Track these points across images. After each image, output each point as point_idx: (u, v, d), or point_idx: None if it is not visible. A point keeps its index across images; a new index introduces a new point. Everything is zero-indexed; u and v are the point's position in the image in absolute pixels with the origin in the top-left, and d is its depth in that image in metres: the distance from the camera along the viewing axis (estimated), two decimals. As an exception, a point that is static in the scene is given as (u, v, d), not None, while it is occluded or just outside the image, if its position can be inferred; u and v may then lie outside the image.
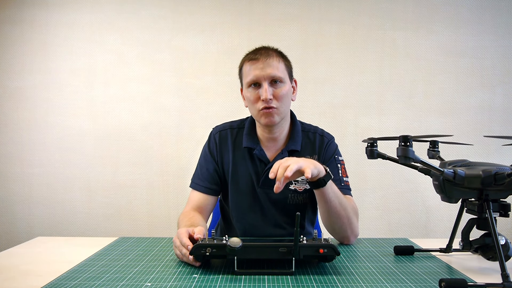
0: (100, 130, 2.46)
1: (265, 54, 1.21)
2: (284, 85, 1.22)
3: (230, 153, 1.32)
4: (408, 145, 0.80)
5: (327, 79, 2.43)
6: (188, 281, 0.87)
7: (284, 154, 1.27)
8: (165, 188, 2.46)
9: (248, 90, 1.23)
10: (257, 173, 1.29)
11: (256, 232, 1.31)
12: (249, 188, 1.29)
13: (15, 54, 2.47)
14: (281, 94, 1.21)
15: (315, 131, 1.34)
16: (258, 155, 1.28)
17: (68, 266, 0.98)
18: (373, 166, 2.43)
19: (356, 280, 0.88)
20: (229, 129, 1.36)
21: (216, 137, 1.35)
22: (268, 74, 1.19)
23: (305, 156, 1.28)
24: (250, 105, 1.26)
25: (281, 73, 1.22)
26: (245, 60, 1.25)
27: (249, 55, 1.24)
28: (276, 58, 1.22)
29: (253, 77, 1.20)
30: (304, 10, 2.43)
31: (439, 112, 2.43)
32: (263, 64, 1.19)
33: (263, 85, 1.20)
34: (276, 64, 1.21)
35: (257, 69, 1.20)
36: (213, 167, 1.33)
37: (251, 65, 1.21)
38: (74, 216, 2.48)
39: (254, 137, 1.31)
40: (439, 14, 2.42)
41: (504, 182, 0.86)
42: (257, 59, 1.21)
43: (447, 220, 2.43)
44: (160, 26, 2.44)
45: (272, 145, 1.31)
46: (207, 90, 2.45)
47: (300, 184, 1.28)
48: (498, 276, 0.84)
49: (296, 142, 1.29)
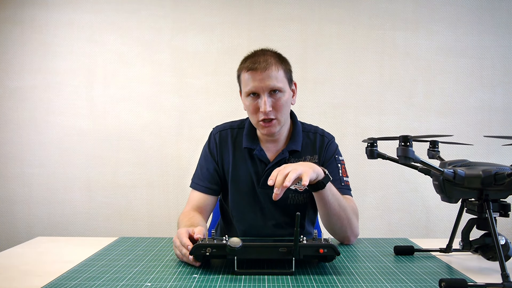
0: (100, 130, 2.46)
1: (264, 62, 1.17)
2: (284, 94, 1.20)
3: (230, 153, 1.32)
4: (408, 145, 0.80)
5: (327, 79, 2.43)
6: (188, 281, 0.87)
7: (284, 154, 1.27)
8: (165, 188, 2.46)
9: (247, 99, 1.22)
10: (257, 173, 1.29)
11: (256, 232, 1.31)
12: (249, 188, 1.29)
13: (15, 54, 2.46)
14: (280, 104, 1.19)
15: (315, 131, 1.34)
16: (258, 155, 1.28)
17: (68, 266, 0.98)
18: (373, 166, 2.43)
19: (356, 280, 0.88)
20: (229, 129, 1.35)
21: (216, 137, 1.35)
22: (267, 86, 1.17)
23: (305, 157, 1.29)
24: (249, 114, 1.25)
25: (281, 83, 1.19)
26: (243, 68, 1.21)
27: (248, 64, 1.20)
28: (275, 66, 1.19)
29: (252, 88, 1.18)
30: (304, 10, 2.43)
31: (439, 112, 2.43)
32: (262, 75, 1.16)
33: (262, 96, 1.18)
34: (275, 74, 1.18)
35: (256, 80, 1.17)
36: (213, 167, 1.33)
37: (249, 75, 1.18)
38: (74, 216, 2.48)
39: (254, 138, 1.31)
40: (439, 14, 2.42)
41: (504, 182, 0.86)
42: (255, 69, 1.17)
43: (447, 220, 2.43)
44: (160, 26, 2.44)
45: (272, 145, 1.31)
46: (207, 90, 2.45)
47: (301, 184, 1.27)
48: (498, 276, 0.84)
49: (296, 142, 1.29)
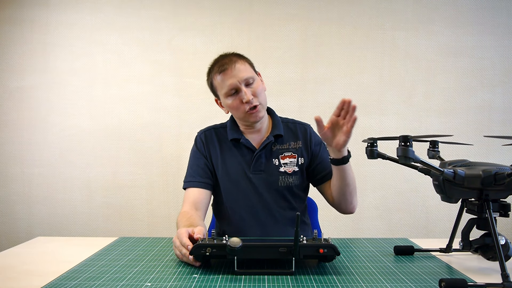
0: (100, 130, 2.46)
1: (229, 62, 1.28)
2: (256, 81, 1.31)
3: (217, 149, 1.38)
4: (408, 145, 0.80)
5: (327, 79, 2.44)
6: (188, 281, 0.87)
7: (270, 138, 1.35)
8: (165, 188, 2.46)
9: (228, 99, 1.30)
10: (247, 161, 1.35)
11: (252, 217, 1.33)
12: (241, 176, 1.34)
13: (15, 54, 2.47)
14: (258, 91, 1.29)
15: (293, 121, 1.44)
16: (244, 143, 1.35)
17: (68, 266, 0.98)
18: (373, 166, 2.43)
19: (356, 280, 0.88)
20: (213, 129, 1.44)
21: (202, 137, 1.42)
22: (241, 78, 1.27)
23: (289, 142, 1.38)
24: (234, 111, 1.32)
25: (250, 73, 1.29)
26: (214, 74, 1.31)
27: (216, 68, 1.30)
28: (240, 61, 1.30)
29: (230, 86, 1.27)
30: (304, 10, 2.43)
31: (439, 112, 2.43)
32: (233, 72, 1.27)
33: (241, 89, 1.27)
34: (243, 67, 1.29)
35: (230, 78, 1.27)
36: (204, 162, 1.38)
37: (222, 76, 1.28)
38: (74, 216, 2.48)
39: (237, 131, 1.38)
40: (439, 14, 2.42)
41: (504, 182, 0.86)
42: (225, 69, 1.27)
43: (447, 220, 2.43)
44: (160, 26, 2.44)
45: (256, 136, 1.38)
46: (207, 90, 2.42)
47: (289, 166, 1.35)
48: (498, 276, 0.84)
49: (279, 128, 1.38)
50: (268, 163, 1.34)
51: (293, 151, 1.36)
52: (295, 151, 1.36)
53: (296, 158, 1.35)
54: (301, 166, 1.36)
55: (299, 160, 1.36)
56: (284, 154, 1.35)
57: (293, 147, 1.37)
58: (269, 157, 1.35)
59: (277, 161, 1.34)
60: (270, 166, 1.34)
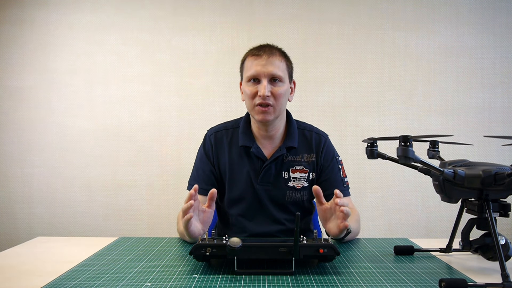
0: (100, 130, 2.46)
1: (269, 51, 1.24)
2: (283, 84, 1.25)
3: (226, 154, 1.33)
4: (408, 145, 0.80)
5: (327, 79, 2.43)
6: (188, 281, 0.87)
7: (282, 150, 1.29)
8: (165, 188, 2.46)
9: (247, 84, 1.25)
10: (255, 170, 1.30)
11: (255, 228, 1.31)
12: (248, 186, 1.30)
13: (15, 54, 2.46)
14: (279, 93, 1.23)
15: (310, 129, 1.37)
16: (255, 152, 1.30)
17: (68, 266, 0.98)
18: (373, 166, 2.43)
19: (356, 280, 0.88)
20: (224, 130, 1.37)
21: (212, 139, 1.36)
22: (269, 71, 1.22)
23: (303, 154, 1.31)
24: (247, 99, 1.27)
25: (282, 72, 1.24)
26: (248, 54, 1.27)
27: (253, 50, 1.27)
28: (278, 57, 1.25)
29: (254, 72, 1.23)
30: (304, 10, 2.43)
31: (439, 112, 2.43)
32: (266, 61, 1.22)
33: (262, 81, 1.22)
34: (278, 62, 1.23)
35: (259, 65, 1.22)
36: (209, 168, 1.34)
37: (253, 60, 1.24)
38: (74, 216, 2.48)
39: (250, 135, 1.33)
40: (439, 14, 2.42)
41: (504, 182, 0.86)
42: (260, 55, 1.23)
43: (447, 220, 2.43)
44: (160, 26, 2.44)
45: (268, 142, 1.32)
46: (207, 90, 2.45)
47: (299, 182, 1.30)
48: (498, 276, 0.84)
49: (293, 139, 1.31)
50: (277, 175, 1.30)
51: (305, 165, 1.31)
52: (307, 165, 1.31)
53: (307, 173, 1.31)
54: (312, 181, 1.32)
55: (310, 175, 1.31)
56: (296, 168, 1.30)
57: (306, 161, 1.32)
58: (280, 169, 1.30)
59: (286, 174, 1.30)
60: (278, 180, 1.30)
